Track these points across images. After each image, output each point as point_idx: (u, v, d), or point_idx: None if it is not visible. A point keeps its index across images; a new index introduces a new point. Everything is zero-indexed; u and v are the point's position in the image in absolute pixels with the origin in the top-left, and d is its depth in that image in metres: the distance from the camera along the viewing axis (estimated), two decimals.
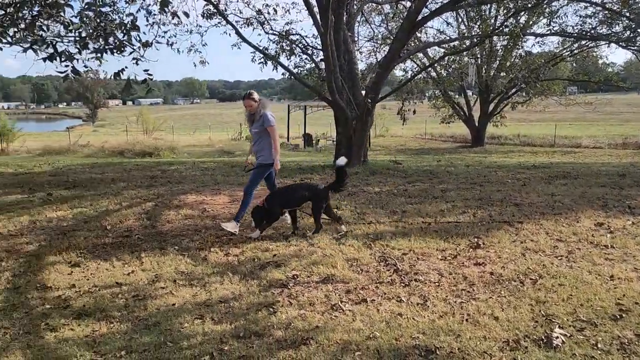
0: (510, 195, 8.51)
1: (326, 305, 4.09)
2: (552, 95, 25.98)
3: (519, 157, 19.97)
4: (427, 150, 25.94)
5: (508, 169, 12.86)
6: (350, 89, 11.99)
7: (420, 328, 3.63)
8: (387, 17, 17.20)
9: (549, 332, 3.46)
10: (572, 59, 27.30)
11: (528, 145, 27.31)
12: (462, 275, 4.71)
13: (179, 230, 6.50)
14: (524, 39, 15.51)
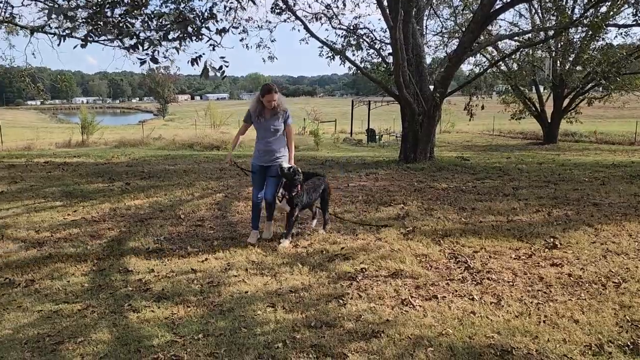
0: (588, 194, 8.10)
1: (396, 300, 4.07)
2: (633, 91, 24.35)
3: (595, 155, 18.91)
4: (495, 147, 25.09)
5: (584, 167, 12.22)
6: (418, 84, 11.80)
7: (495, 327, 3.54)
8: (457, 10, 16.76)
9: (636, 338, 3.27)
10: None
11: (605, 143, 25.83)
12: (537, 275, 4.54)
13: (248, 221, 6.64)
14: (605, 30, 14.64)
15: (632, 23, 14.07)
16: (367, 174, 10.64)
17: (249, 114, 5.60)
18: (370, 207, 7.39)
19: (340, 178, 10.10)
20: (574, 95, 24.46)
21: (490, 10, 10.05)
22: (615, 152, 20.71)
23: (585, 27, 12.51)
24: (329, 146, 23.57)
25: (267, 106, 5.48)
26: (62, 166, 12.20)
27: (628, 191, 8.35)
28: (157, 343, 3.40)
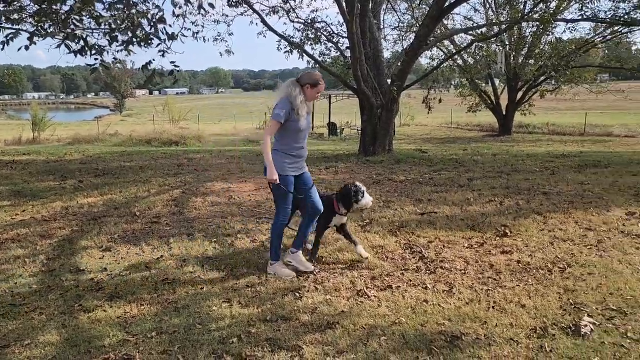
0: (538, 184, 8.38)
1: (352, 292, 4.12)
2: (582, 83, 25.32)
3: (547, 146, 19.58)
4: (453, 139, 25.64)
5: (536, 158, 12.64)
6: (376, 77, 11.91)
7: (447, 315, 3.63)
8: (414, 5, 16.98)
9: (578, 320, 3.42)
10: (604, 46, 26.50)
11: (557, 135, 26.76)
12: (488, 263, 4.69)
13: (206, 217, 6.60)
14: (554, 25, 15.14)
15: (579, 18, 14.62)
16: (327, 168, 10.70)
17: (287, 111, 4.24)
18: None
19: None
20: (527, 88, 25.24)
21: (444, 5, 10.24)
22: (566, 143, 21.51)
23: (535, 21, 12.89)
24: None
25: (311, 100, 4.47)
26: (10, 164, 11.76)
27: (576, 180, 8.69)
28: (108, 343, 3.33)
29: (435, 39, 13.88)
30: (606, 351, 3.06)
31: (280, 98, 4.30)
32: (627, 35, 22.72)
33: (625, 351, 3.05)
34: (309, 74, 4.47)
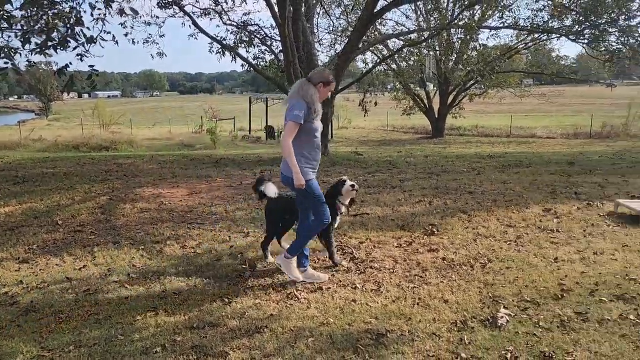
0: (465, 184, 8.73)
1: (282, 295, 4.12)
2: (508, 88, 26.67)
3: (476, 147, 20.45)
4: (389, 142, 26.23)
5: (465, 159, 13.17)
6: None
7: (374, 313, 3.71)
8: (347, 9, 17.24)
9: (495, 312, 3.59)
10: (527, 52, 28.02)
11: (486, 136, 27.96)
12: (416, 261, 4.82)
13: (134, 224, 6.39)
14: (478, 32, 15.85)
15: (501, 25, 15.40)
16: (262, 171, 10.63)
17: (305, 112, 4.02)
18: (263, 204, 7.35)
19: (234, 176, 10.00)
20: (457, 92, 26.26)
21: (374, 11, 10.47)
22: (494, 144, 22.54)
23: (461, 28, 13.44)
24: (227, 144, 23.26)
25: (323, 98, 4.26)
26: None
27: (499, 179, 9.12)
28: None
29: (368, 44, 14.15)
30: (520, 340, 3.23)
31: (294, 100, 4.09)
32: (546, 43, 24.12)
33: (537, 340, 3.23)
34: (320, 72, 4.28)
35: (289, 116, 4.00)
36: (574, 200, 7.28)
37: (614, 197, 7.19)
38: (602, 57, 14.60)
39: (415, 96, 26.90)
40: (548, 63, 26.83)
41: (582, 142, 22.28)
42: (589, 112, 30.43)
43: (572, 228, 5.79)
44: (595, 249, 5.04)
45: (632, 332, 3.30)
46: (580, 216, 6.34)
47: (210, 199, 7.80)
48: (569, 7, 13.85)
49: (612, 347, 3.12)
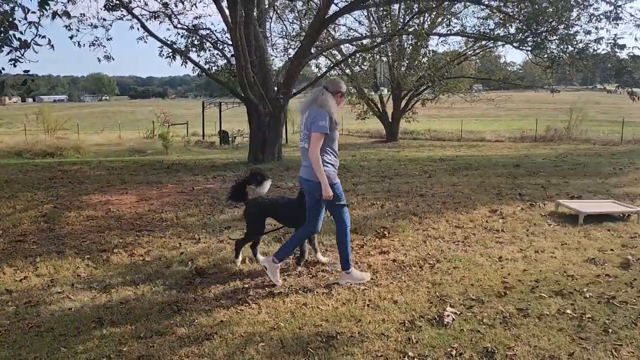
0: (416, 186, 8.91)
1: (232, 300, 4.08)
2: (458, 93, 27.45)
3: (429, 151, 20.90)
4: (343, 146, 26.34)
5: (417, 162, 13.44)
6: (263, 85, 11.96)
7: (324, 316, 3.73)
8: (300, 14, 17.31)
9: (442, 311, 3.69)
10: (475, 58, 28.96)
11: (438, 140, 28.65)
12: (367, 263, 4.89)
13: (79, 232, 6.19)
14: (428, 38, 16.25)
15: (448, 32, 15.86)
16: (215, 177, 10.53)
17: (328, 121, 4.09)
18: (215, 210, 7.32)
19: (185, 182, 9.84)
20: (410, 97, 26.80)
21: (325, 16, 10.57)
22: (445, 148, 23.11)
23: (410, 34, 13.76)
24: (180, 150, 22.83)
25: (338, 107, 4.34)
26: None
27: (449, 182, 9.37)
28: None
29: (320, 48, 14.26)
30: (464, 337, 3.32)
31: (314, 110, 4.14)
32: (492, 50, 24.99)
33: (480, 336, 3.34)
34: (336, 82, 4.36)
35: (314, 127, 4.05)
36: (518, 200, 7.57)
37: (555, 198, 7.51)
38: (544, 63, 15.23)
39: (369, 100, 27.26)
40: (495, 69, 27.81)
41: (527, 145, 23.15)
42: (535, 116, 31.65)
43: (516, 228, 6.02)
44: (537, 247, 5.26)
45: (569, 325, 3.46)
46: (524, 216, 6.60)
47: (161, 205, 7.65)
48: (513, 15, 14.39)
49: (550, 340, 3.26)
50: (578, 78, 51.27)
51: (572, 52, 13.43)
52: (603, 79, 16.52)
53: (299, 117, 4.49)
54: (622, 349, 3.15)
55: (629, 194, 8.10)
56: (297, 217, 4.65)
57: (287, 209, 4.83)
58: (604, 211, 6.50)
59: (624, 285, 4.19)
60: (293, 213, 4.74)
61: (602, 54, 14.21)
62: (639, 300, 3.88)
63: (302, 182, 4.34)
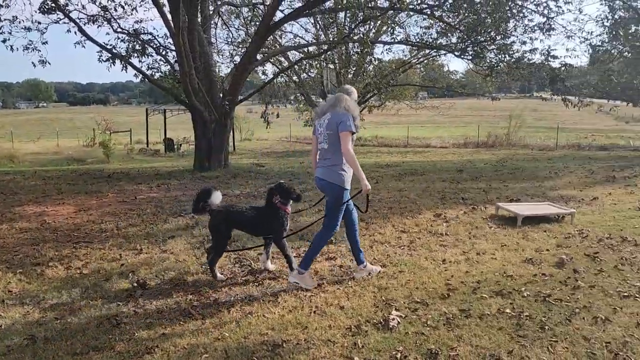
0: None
1: (175, 312, 3.96)
2: (403, 100, 28.05)
3: (376, 157, 21.19)
4: (292, 153, 26.40)
5: (364, 168, 13.41)
6: (208, 92, 11.78)
7: (270, 324, 3.68)
8: (246, 21, 17.21)
9: (387, 315, 3.71)
10: (420, 66, 29.73)
11: (385, 146, 29.11)
12: (313, 270, 4.86)
13: (11, 245, 5.85)
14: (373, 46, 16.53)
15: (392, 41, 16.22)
16: (159, 185, 10.25)
17: (353, 122, 4.31)
18: (158, 219, 7.11)
19: (127, 191, 9.52)
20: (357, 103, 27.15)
21: (270, 23, 10.55)
22: (392, 154, 23.51)
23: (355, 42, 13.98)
24: (122, 158, 22.10)
25: None
26: None
27: (395, 187, 9.52)
28: None
29: (266, 55, 14.22)
30: (409, 340, 3.36)
31: (338, 113, 4.30)
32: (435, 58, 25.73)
33: (424, 338, 3.38)
34: (351, 89, 4.65)
35: (342, 127, 4.21)
36: (461, 204, 7.79)
37: (496, 201, 7.77)
38: (484, 72, 15.83)
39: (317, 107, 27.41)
40: (439, 77, 28.64)
41: (470, 151, 23.92)
42: (477, 123, 32.82)
43: (459, 231, 6.18)
44: (478, 249, 5.41)
45: (508, 324, 3.57)
46: (467, 219, 6.79)
47: (100, 215, 7.36)
48: (454, 25, 14.89)
49: (491, 339, 3.34)
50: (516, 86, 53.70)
51: (509, 61, 14.04)
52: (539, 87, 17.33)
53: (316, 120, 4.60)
54: (557, 344, 3.27)
55: (563, 197, 8.50)
56: (266, 225, 4.61)
57: (257, 217, 4.69)
58: (540, 213, 6.78)
59: (558, 283, 4.37)
60: (262, 221, 4.65)
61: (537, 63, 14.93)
62: (572, 297, 4.05)
63: (318, 181, 4.48)
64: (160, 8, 10.56)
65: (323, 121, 4.40)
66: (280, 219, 4.60)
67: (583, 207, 7.68)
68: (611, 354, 3.14)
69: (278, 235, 4.63)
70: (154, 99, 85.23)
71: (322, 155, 4.43)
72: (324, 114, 4.43)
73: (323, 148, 4.40)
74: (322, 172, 4.40)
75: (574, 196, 8.61)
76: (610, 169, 13.12)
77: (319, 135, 4.44)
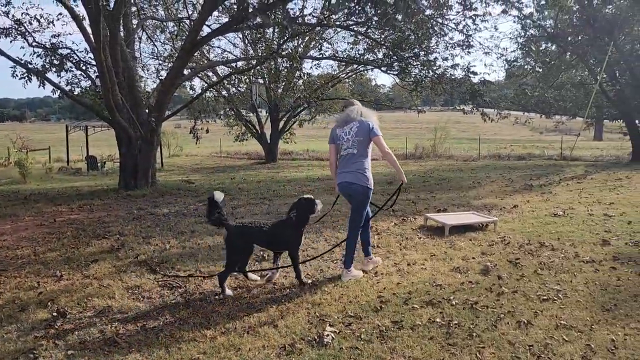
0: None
1: (100, 342, 3.73)
2: (334, 113, 28.44)
3: (307, 171, 21.29)
4: (222, 168, 25.97)
5: (296, 182, 13.63)
6: (133, 108, 11.37)
7: (201, 348, 3.55)
8: (172, 35, 16.85)
9: (322, 331, 3.70)
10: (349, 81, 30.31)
11: (317, 160, 29.30)
12: (246, 289, 4.78)
13: None
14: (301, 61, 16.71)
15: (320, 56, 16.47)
16: (80, 206, 9.73)
17: None
18: (80, 242, 6.74)
19: (46, 213, 8.96)
20: (288, 117, 27.24)
21: (196, 38, 10.39)
22: (324, 167, 23.71)
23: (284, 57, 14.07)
24: (41, 178, 20.81)
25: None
26: None
27: (327, 201, 9.52)
28: None
29: (194, 70, 13.97)
30: (343, 355, 3.36)
31: (364, 120, 4.91)
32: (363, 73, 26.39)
33: (359, 352, 3.40)
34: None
35: (374, 133, 4.86)
36: (392, 216, 7.96)
37: (424, 212, 8.03)
38: (409, 86, 16.39)
39: (247, 122, 27.21)
40: (367, 91, 29.36)
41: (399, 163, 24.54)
42: (405, 135, 33.85)
43: (390, 242, 6.31)
44: (409, 260, 5.55)
45: (439, 333, 3.66)
46: (397, 231, 6.95)
47: (16, 240, 6.87)
48: (379, 41, 15.35)
49: (422, 349, 3.41)
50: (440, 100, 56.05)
51: (432, 76, 14.62)
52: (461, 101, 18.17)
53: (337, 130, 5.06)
54: (484, 350, 3.39)
55: (487, 205, 8.92)
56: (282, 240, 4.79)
57: (278, 232, 4.77)
58: (466, 222, 7.07)
59: (484, 290, 4.55)
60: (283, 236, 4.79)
61: (458, 79, 15.66)
62: (497, 303, 4.23)
63: (346, 186, 4.90)
64: (80, 22, 10.11)
65: (349, 129, 4.89)
66: (297, 234, 4.84)
67: (504, 215, 8.10)
68: (534, 357, 3.30)
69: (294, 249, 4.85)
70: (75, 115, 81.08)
71: (350, 160, 4.88)
72: (347, 123, 4.92)
73: (352, 153, 4.86)
74: (353, 177, 4.85)
75: (496, 204, 9.06)
76: (527, 177, 13.96)
77: (345, 142, 4.91)
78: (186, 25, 14.52)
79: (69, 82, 12.31)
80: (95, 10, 9.34)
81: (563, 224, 7.34)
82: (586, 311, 4.05)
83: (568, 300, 4.29)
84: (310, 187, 11.97)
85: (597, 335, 3.62)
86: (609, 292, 4.48)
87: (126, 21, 12.00)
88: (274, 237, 4.79)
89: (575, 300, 4.30)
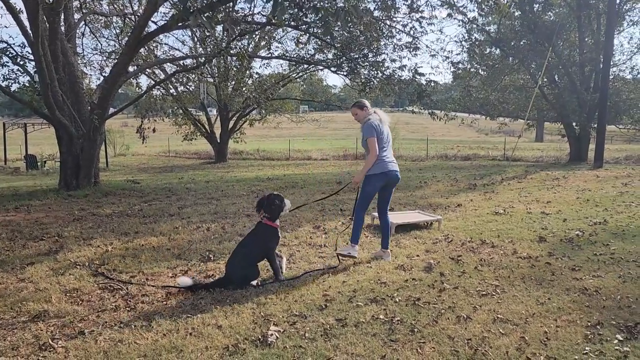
0: (243, 207, 8.93)
1: (34, 347, 3.58)
2: (284, 113, 28.42)
3: (258, 170, 21.18)
4: (170, 168, 25.42)
5: (245, 182, 13.52)
6: (74, 105, 10.95)
7: (142, 351, 3.47)
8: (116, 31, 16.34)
9: (266, 331, 3.69)
10: (300, 81, 30.36)
11: (267, 159, 29.19)
12: (190, 290, 4.70)
13: None
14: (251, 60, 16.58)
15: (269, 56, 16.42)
16: (17, 207, 9.28)
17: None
18: (15, 245, 6.43)
19: None
20: (238, 117, 26.97)
21: (141, 35, 10.11)
22: (274, 167, 23.66)
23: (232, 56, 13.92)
24: None
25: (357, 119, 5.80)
26: None
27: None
28: None
29: (139, 67, 13.61)
30: (287, 354, 3.36)
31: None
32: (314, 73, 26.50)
33: (303, 351, 3.41)
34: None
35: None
36: (340, 215, 8.04)
37: (372, 211, 8.13)
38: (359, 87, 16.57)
39: (196, 121, 26.75)
40: (318, 91, 29.49)
41: (349, 163, 24.86)
42: (355, 136, 34.10)
43: (338, 241, 6.36)
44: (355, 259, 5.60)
45: (382, 330, 3.73)
46: (344, 230, 7.01)
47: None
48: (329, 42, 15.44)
49: (365, 346, 3.46)
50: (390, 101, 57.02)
51: (381, 77, 14.84)
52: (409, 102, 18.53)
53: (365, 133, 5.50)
54: (425, 345, 3.48)
55: (432, 204, 9.16)
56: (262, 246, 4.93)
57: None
58: (411, 221, 7.23)
59: (427, 287, 4.67)
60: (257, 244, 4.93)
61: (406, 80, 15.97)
62: (439, 299, 4.35)
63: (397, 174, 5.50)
64: (16, 14, 9.62)
65: (386, 128, 5.52)
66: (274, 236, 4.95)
67: (449, 214, 8.33)
68: (472, 350, 3.41)
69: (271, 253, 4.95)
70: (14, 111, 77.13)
71: (390, 153, 5.51)
72: (383, 122, 5.49)
73: (388, 148, 5.46)
74: (396, 167, 5.51)
75: (441, 204, 9.31)
76: (472, 177, 14.43)
77: (385, 137, 5.46)
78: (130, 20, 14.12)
79: (5, 77, 11.72)
80: (32, 4, 8.92)
81: (503, 222, 7.63)
82: (522, 305, 4.23)
83: (505, 295, 4.46)
84: (259, 187, 11.91)
85: (532, 327, 3.78)
86: (543, 287, 4.69)
87: (67, 15, 11.55)
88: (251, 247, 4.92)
89: (512, 295, 4.48)
